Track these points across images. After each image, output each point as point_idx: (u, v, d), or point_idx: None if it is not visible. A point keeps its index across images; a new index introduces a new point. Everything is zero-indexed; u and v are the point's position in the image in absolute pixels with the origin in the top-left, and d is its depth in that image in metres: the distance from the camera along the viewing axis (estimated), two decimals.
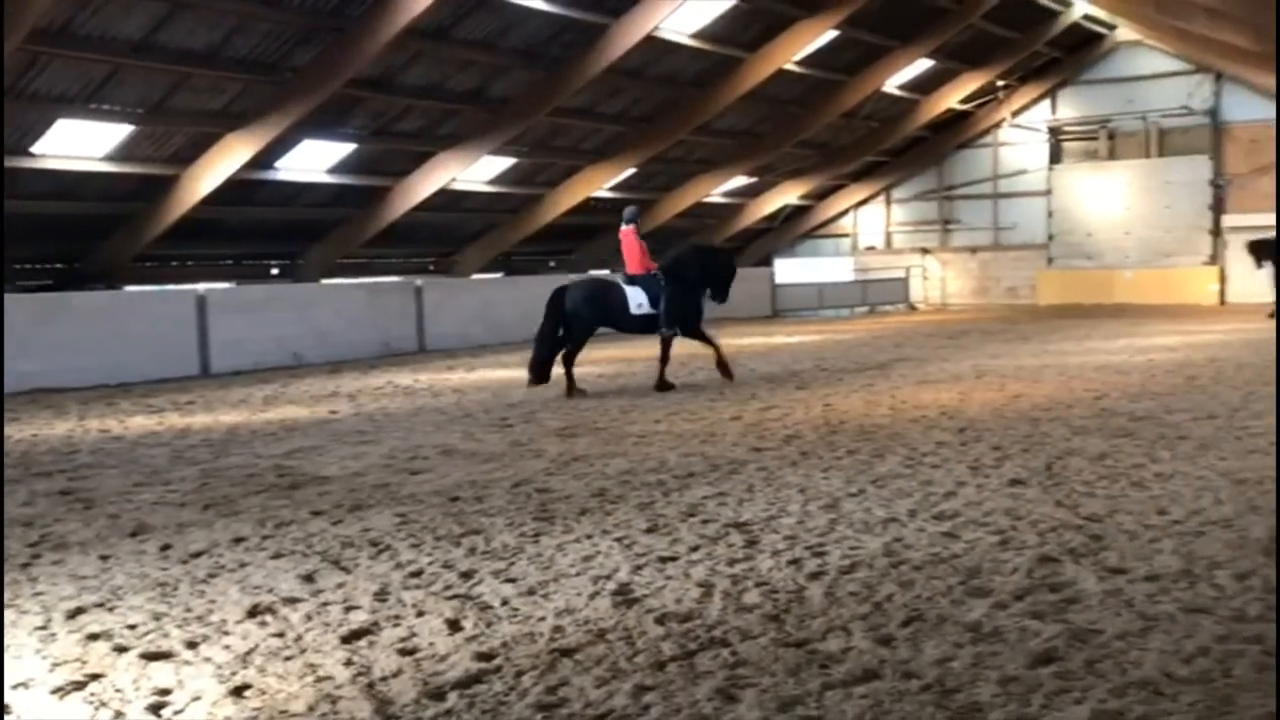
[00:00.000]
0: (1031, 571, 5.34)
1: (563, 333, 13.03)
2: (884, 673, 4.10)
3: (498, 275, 25.71)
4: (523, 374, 15.72)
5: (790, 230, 34.09)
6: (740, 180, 28.54)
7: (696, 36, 20.79)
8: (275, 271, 22.01)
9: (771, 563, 5.61)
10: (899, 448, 8.89)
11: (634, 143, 23.50)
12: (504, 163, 22.63)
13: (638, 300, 13.21)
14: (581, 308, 13.01)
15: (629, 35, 19.08)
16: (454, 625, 4.76)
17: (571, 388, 12.97)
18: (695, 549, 5.91)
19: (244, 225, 20.02)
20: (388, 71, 18.08)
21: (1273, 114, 27.69)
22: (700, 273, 13.46)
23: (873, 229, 34.21)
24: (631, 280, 13.44)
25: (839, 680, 4.04)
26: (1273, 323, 20.73)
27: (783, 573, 5.43)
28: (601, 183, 24.22)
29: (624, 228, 13.89)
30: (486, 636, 4.61)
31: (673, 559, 5.73)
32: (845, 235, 34.55)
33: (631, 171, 24.71)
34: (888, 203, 33.79)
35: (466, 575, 5.52)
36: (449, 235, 24.62)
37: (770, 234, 33.63)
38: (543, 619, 4.81)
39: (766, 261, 33.50)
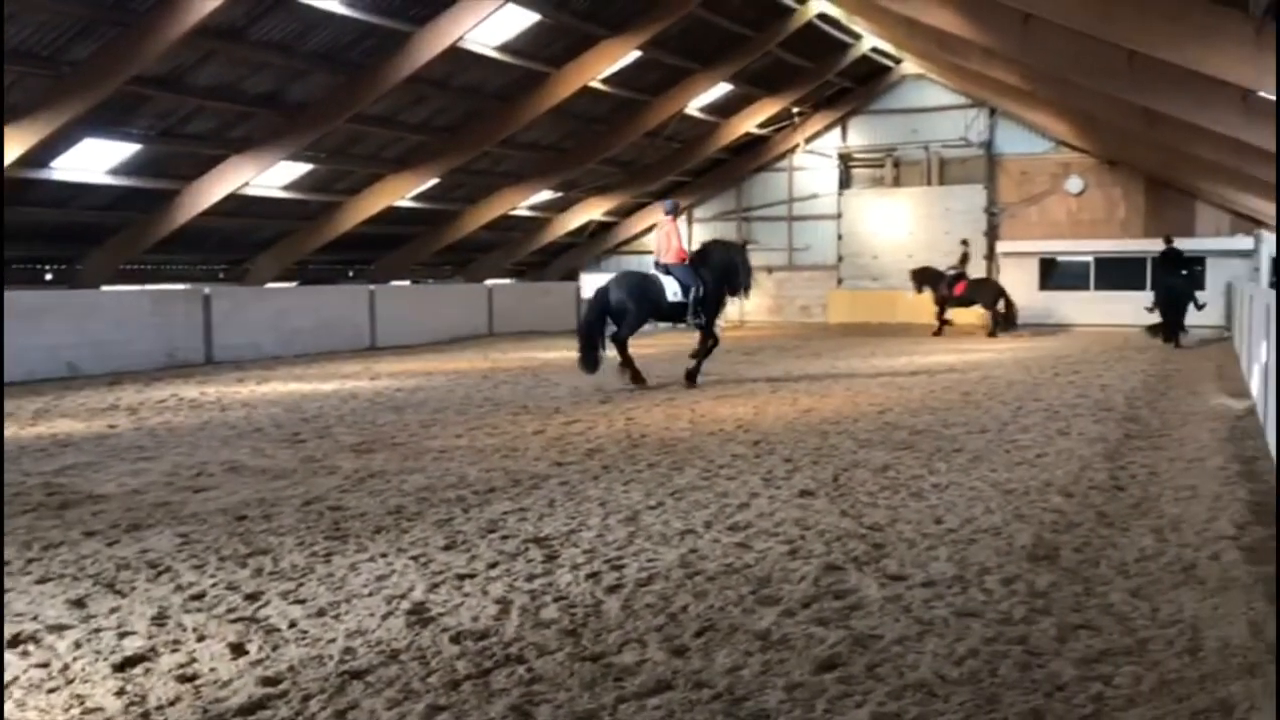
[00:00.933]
0: (818, 580, 5.54)
1: (612, 327, 14.23)
2: (677, 683, 4.17)
3: (293, 284, 24.85)
4: (320, 386, 15.45)
5: (596, 246, 34.34)
6: (545, 195, 28.59)
7: (501, 50, 20.72)
8: (49, 277, 20.59)
9: (570, 577, 5.62)
10: (697, 460, 9.06)
11: (437, 153, 23.20)
12: (300, 168, 21.91)
13: (673, 289, 14.45)
14: (629, 301, 14.18)
15: (432, 45, 18.83)
16: (238, 649, 4.56)
17: (636, 375, 14.30)
18: (494, 565, 5.85)
19: (14, 227, 18.64)
20: (177, 70, 17.23)
21: (1040, 148, 30.00)
22: (727, 267, 14.70)
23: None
24: (666, 270, 14.64)
25: (633, 693, 4.08)
26: (1037, 340, 22.32)
27: (581, 587, 5.45)
28: (403, 192, 23.78)
29: (664, 218, 15.34)
30: (272, 660, 4.43)
31: (470, 576, 5.66)
32: (649, 252, 34.98)
33: (435, 182, 24.37)
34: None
35: (252, 597, 5.30)
36: (241, 242, 23.64)
37: (576, 249, 33.80)
38: (333, 641, 4.66)
39: (572, 276, 33.64)
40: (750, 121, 30.22)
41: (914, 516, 6.99)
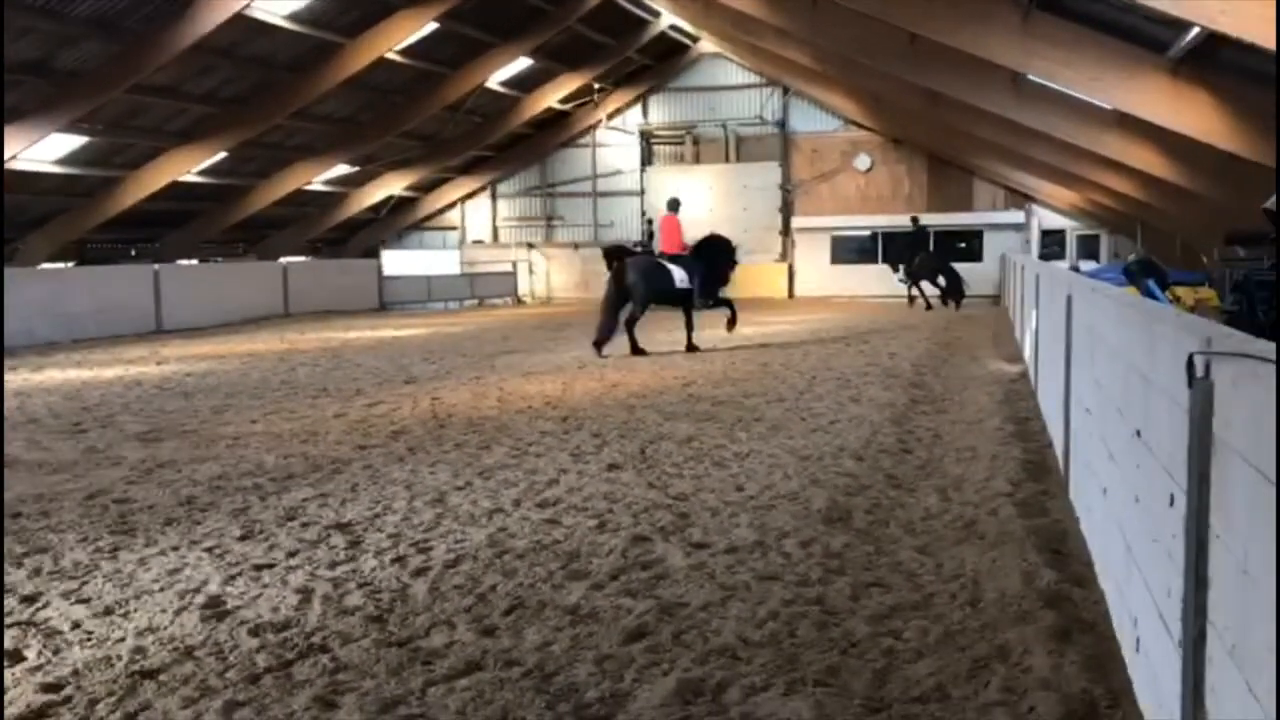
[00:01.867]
0: (626, 552, 5.61)
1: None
2: (486, 663, 4.15)
3: (69, 265, 23.26)
4: (101, 373, 14.62)
5: (397, 221, 33.62)
6: (342, 169, 27.74)
7: (291, 19, 19.89)
8: None
9: (375, 562, 5.50)
10: (505, 439, 9.02)
11: (225, 125, 22.11)
12: (74, 141, 20.49)
13: (680, 275, 15.86)
14: (640, 281, 15.47)
15: (217, 12, 17.90)
16: (15, 656, 4.26)
17: (636, 347, 15.59)
18: (294, 554, 5.67)
19: None
20: None
21: (831, 126, 31.14)
22: (716, 256, 16.46)
23: (480, 223, 34.47)
24: (672, 259, 16.22)
25: (442, 675, 4.04)
26: (830, 313, 23.27)
27: (386, 572, 5.35)
28: (189, 166, 22.58)
29: (667, 214, 17.33)
30: (54, 665, 4.17)
31: (269, 566, 5.46)
32: (453, 228, 34.56)
33: (223, 155, 23.24)
34: (494, 197, 34.17)
35: (30, 599, 4.96)
36: (10, 220, 21.93)
37: (376, 225, 32.99)
38: (121, 640, 4.42)
39: (373, 253, 32.83)
40: (552, 96, 30.14)
41: (717, 485, 7.17)
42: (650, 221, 29.56)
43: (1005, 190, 29.78)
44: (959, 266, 26.19)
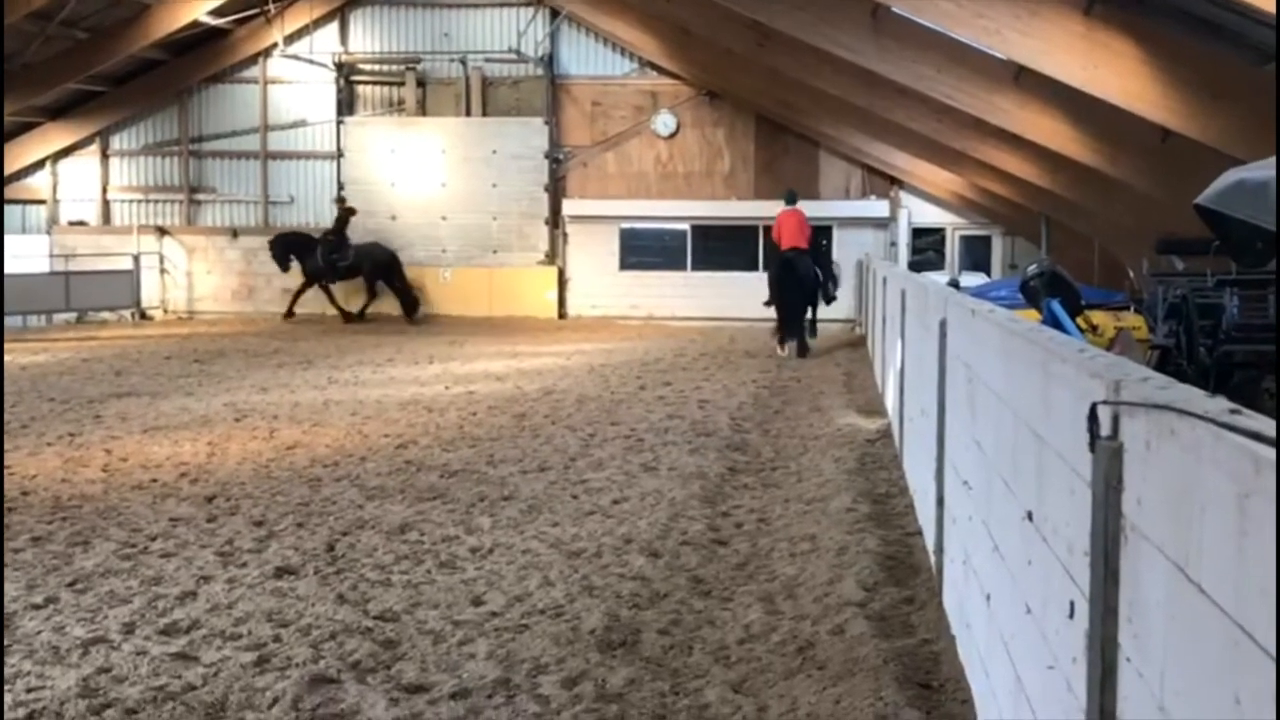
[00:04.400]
0: (299, 701, 5.52)
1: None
2: None
3: None
4: None
5: None
6: None
7: None
8: None
9: None
10: (114, 529, 8.82)
11: None
12: None
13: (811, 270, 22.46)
14: (809, 278, 22.40)
15: None
16: None
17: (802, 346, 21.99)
18: None
19: None
20: None
21: (619, 69, 31.72)
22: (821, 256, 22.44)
23: (82, 194, 33.31)
24: (800, 253, 22.27)
25: None
26: (619, 340, 23.59)
27: None
28: None
29: (788, 208, 22.85)
30: None
31: None
32: (39, 201, 33.29)
33: None
34: (105, 155, 33.12)
35: None
36: None
37: None
38: None
39: None
40: (200, 7, 29.56)
41: (443, 597, 7.15)
42: (344, 200, 30.82)
43: (863, 170, 31.07)
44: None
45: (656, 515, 9.27)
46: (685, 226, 31.22)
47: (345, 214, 30.43)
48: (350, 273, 30.15)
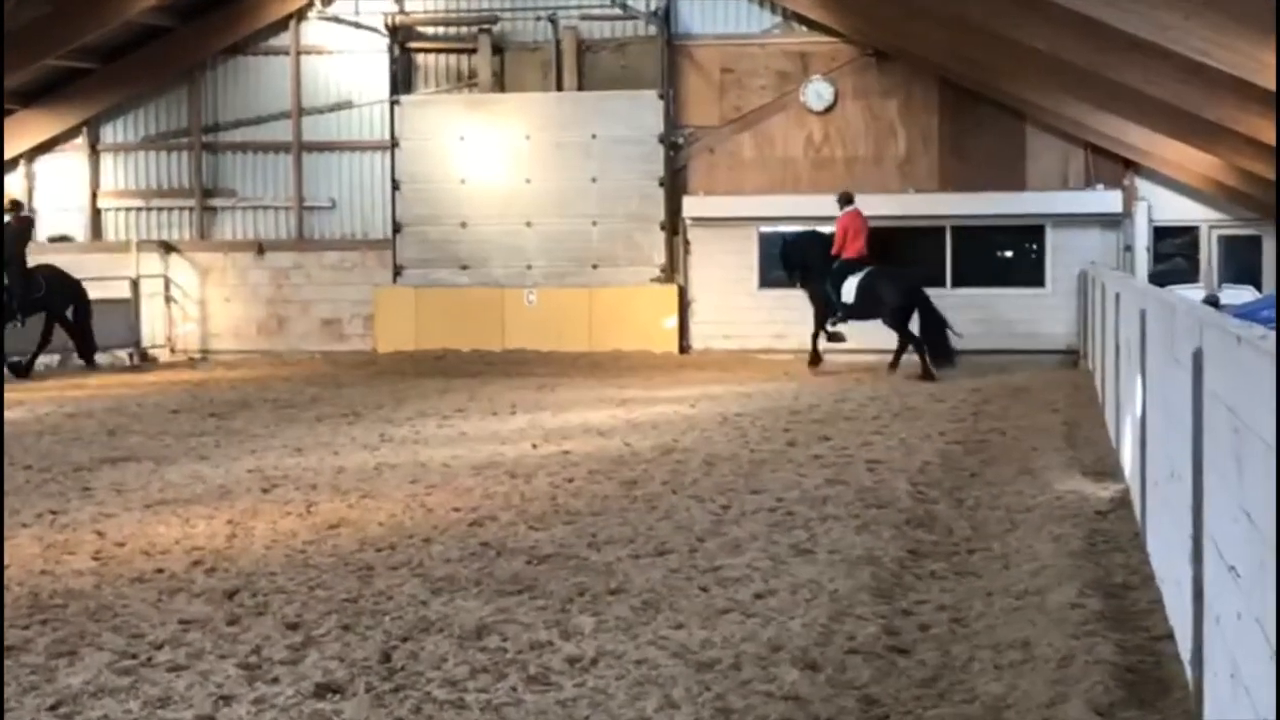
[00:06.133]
0: None
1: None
2: None
3: None
4: None
5: None
6: None
7: None
8: None
9: None
10: (109, 635, 8.87)
11: None
12: None
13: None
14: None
15: None
16: None
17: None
18: None
19: None
20: None
21: (756, 25, 31.60)
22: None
23: (66, 201, 33.77)
24: (855, 266, 26.75)
25: None
26: (759, 380, 23.54)
27: None
28: None
29: (849, 209, 27.06)
30: None
31: None
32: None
33: None
34: (94, 151, 33.57)
35: None
36: None
37: None
38: None
39: None
40: None
41: None
42: (19, 206, 29.20)
43: (1087, 150, 30.61)
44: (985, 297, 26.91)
45: (814, 614, 9.16)
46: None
47: (23, 226, 29.17)
48: (37, 306, 28.39)
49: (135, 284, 32.43)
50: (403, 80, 32.67)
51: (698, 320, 31.44)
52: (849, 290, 26.98)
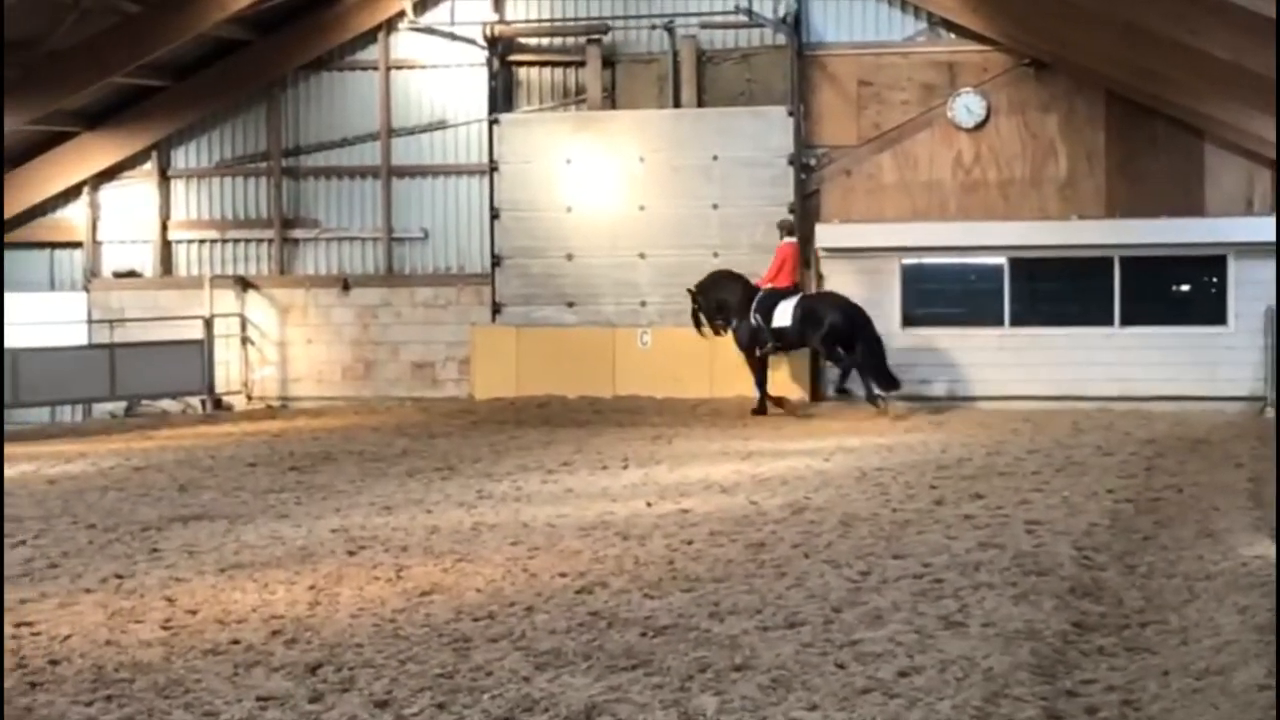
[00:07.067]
0: None
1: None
2: None
3: None
4: None
5: None
6: None
7: None
8: None
9: None
10: (179, 713, 8.93)
11: None
12: None
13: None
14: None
15: None
16: None
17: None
18: None
19: None
20: None
21: (898, 32, 31.51)
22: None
23: (133, 233, 34.09)
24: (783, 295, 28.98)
25: None
26: (901, 431, 23.44)
27: None
28: None
29: (789, 240, 29.28)
30: None
31: None
32: (73, 244, 34.16)
33: None
34: (164, 177, 33.89)
35: None
36: None
37: None
38: None
39: None
40: None
41: None
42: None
43: (1275, 171, 30.21)
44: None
45: (965, 695, 9.08)
46: (1001, 260, 31.00)
47: None
48: None
49: (209, 323, 32.74)
50: (503, 97, 32.84)
51: (831, 364, 31.30)
52: (783, 315, 28.94)
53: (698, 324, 29.95)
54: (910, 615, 11.32)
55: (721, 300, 29.71)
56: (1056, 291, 30.40)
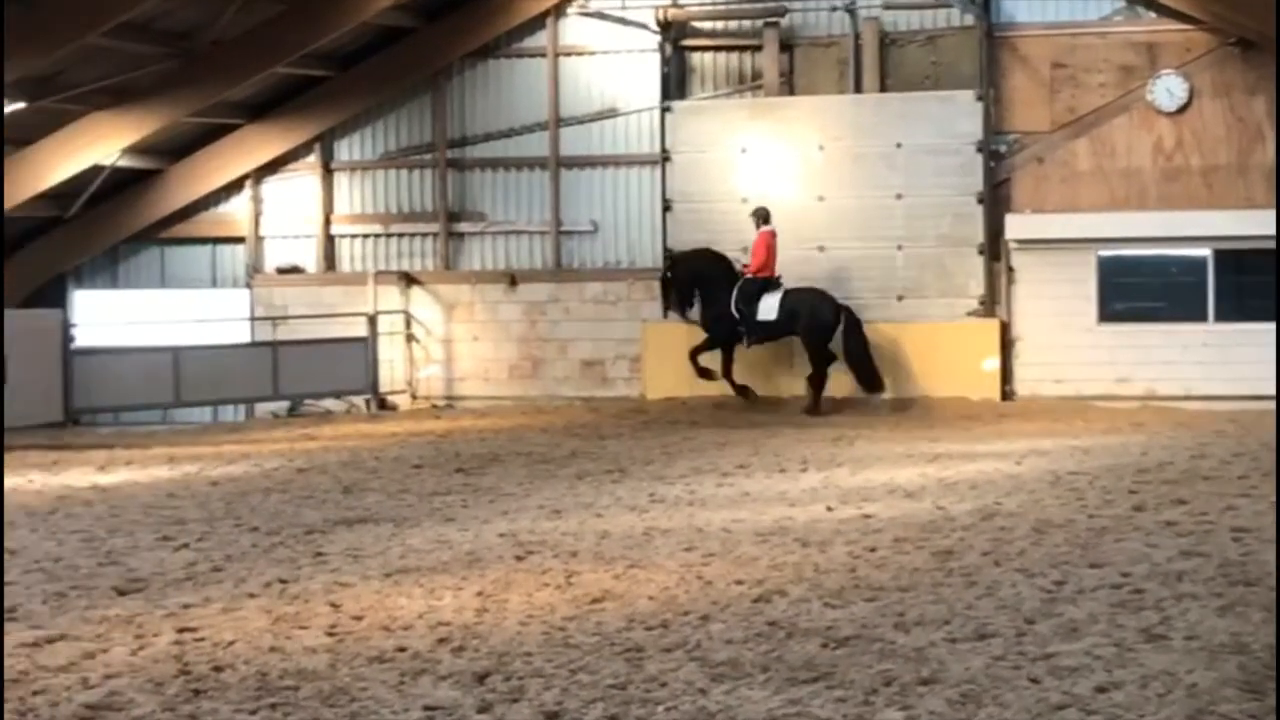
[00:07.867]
0: None
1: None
2: None
3: None
4: None
5: (109, 226, 33.63)
6: None
7: None
8: None
9: None
10: None
11: None
12: None
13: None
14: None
15: None
16: None
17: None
18: None
19: None
20: None
21: (1094, 11, 31.24)
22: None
23: (296, 228, 34.45)
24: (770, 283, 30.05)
25: None
26: (1096, 434, 23.18)
27: None
28: None
29: (766, 229, 29.52)
30: None
31: None
32: (235, 239, 34.54)
33: None
34: (327, 171, 34.20)
35: None
36: None
37: (60, 233, 33.06)
38: None
39: (53, 297, 32.86)
40: None
41: None
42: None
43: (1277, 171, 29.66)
44: None
45: (1168, 712, 8.96)
46: (1205, 252, 30.68)
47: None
48: None
49: (373, 321, 32.99)
50: (676, 84, 32.92)
51: (1023, 361, 31.16)
52: (768, 308, 30.23)
53: (665, 295, 30.80)
54: (1108, 627, 11.20)
55: (697, 273, 30.45)
56: (1264, 285, 29.81)
